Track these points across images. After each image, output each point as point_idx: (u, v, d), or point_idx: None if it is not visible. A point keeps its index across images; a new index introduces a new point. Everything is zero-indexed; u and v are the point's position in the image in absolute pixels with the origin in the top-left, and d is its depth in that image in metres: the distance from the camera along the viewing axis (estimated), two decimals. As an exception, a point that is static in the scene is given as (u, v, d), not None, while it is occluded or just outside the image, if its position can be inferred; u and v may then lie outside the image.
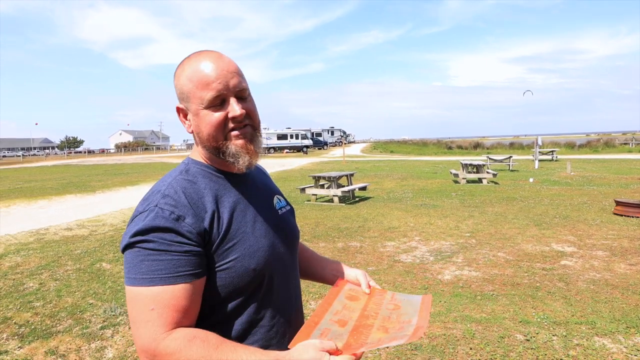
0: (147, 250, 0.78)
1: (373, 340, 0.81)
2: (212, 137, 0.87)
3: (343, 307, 0.94)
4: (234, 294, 0.86)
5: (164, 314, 0.76)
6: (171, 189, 0.84)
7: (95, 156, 50.11)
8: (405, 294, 1.02)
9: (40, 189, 13.33)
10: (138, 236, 0.79)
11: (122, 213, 8.47)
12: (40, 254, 5.37)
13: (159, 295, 0.76)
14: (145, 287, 0.77)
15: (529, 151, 26.94)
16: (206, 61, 0.86)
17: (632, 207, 6.69)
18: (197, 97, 0.86)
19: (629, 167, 15.67)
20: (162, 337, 0.75)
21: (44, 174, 20.90)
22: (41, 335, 3.10)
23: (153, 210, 0.80)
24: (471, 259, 4.71)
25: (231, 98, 0.87)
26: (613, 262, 4.44)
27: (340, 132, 58.32)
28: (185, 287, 0.78)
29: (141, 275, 0.77)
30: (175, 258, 0.78)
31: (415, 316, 0.89)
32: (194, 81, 0.86)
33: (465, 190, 10.56)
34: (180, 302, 0.78)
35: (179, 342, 0.75)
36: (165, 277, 0.77)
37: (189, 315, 0.79)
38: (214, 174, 0.92)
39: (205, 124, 0.87)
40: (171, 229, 0.78)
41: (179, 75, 0.89)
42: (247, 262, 0.85)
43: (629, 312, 3.22)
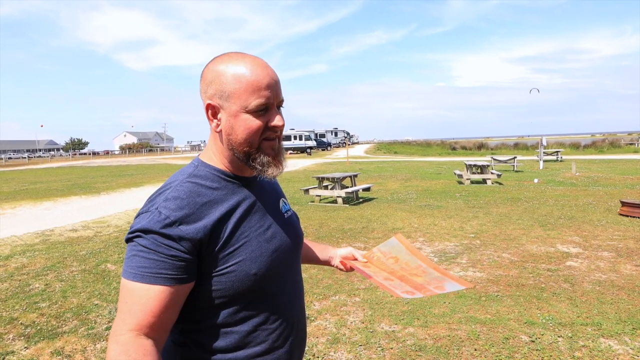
0: (140, 246, 0.81)
1: (421, 281, 0.99)
2: (247, 142, 0.87)
3: (374, 272, 1.07)
4: (234, 299, 0.86)
5: (132, 310, 0.79)
6: (175, 192, 0.85)
7: (100, 158, 50.40)
8: (384, 244, 1.18)
9: (45, 190, 13.42)
10: (134, 233, 0.82)
11: (126, 214, 8.51)
12: (45, 255, 5.41)
13: (134, 291, 0.79)
14: (127, 280, 0.80)
15: (534, 152, 26.82)
16: (256, 66, 0.85)
17: (638, 207, 6.64)
18: (242, 100, 0.84)
19: (634, 168, 15.56)
20: (119, 334, 0.78)
21: (49, 175, 21.04)
22: (47, 336, 3.12)
23: (153, 212, 0.82)
24: (475, 260, 4.69)
25: (274, 108, 0.88)
26: (619, 263, 4.41)
27: (344, 133, 58.33)
28: (161, 290, 0.79)
29: (129, 268, 0.81)
30: (160, 259, 0.79)
31: (417, 261, 1.07)
32: (242, 83, 0.84)
33: (470, 191, 10.52)
34: (151, 302, 0.79)
35: (117, 349, 0.77)
36: (145, 275, 0.79)
37: (158, 318, 0.80)
38: (223, 178, 0.91)
39: (243, 128, 0.86)
40: (162, 233, 0.80)
41: (221, 72, 0.86)
42: (248, 267, 0.85)
43: (635, 313, 3.20)
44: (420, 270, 1.02)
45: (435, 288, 0.94)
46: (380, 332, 3.03)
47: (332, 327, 3.14)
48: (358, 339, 2.94)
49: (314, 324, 3.21)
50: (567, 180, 12.24)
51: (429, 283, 0.96)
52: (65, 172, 23.80)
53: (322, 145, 46.74)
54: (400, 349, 2.79)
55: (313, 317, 3.33)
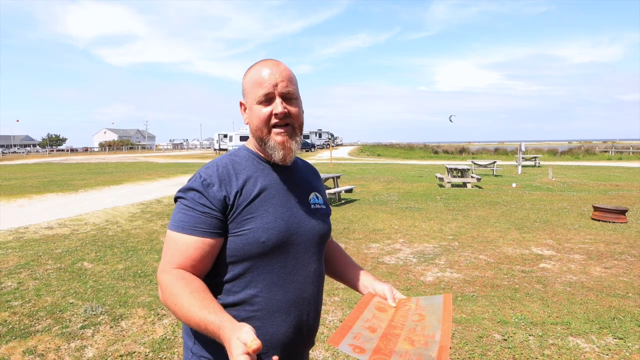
0: (182, 205, 1.00)
1: (401, 350, 0.86)
2: (259, 129, 1.05)
3: (373, 317, 1.01)
4: (244, 260, 0.99)
5: (175, 254, 0.97)
6: (214, 163, 1.05)
7: (79, 155, 49.13)
8: (429, 297, 1.08)
9: (20, 187, 13.02)
10: (180, 192, 1.01)
11: (105, 212, 8.34)
12: (19, 253, 5.26)
13: (177, 239, 0.98)
14: (171, 232, 0.99)
15: (513, 157, 27.46)
16: (265, 66, 1.05)
17: (609, 212, 6.90)
18: (252, 94, 1.05)
19: (607, 174, 16.12)
20: (167, 271, 0.96)
21: (25, 172, 20.41)
22: (19, 335, 3.04)
23: (195, 177, 1.02)
24: (453, 261, 4.79)
25: (277, 98, 1.03)
26: (589, 266, 4.57)
27: (327, 134, 58.45)
28: (197, 240, 0.97)
29: (173, 222, 0.99)
30: (197, 215, 0.97)
31: (438, 330, 0.93)
32: (252, 81, 1.05)
33: (450, 194, 10.71)
34: (190, 250, 0.96)
35: (171, 277, 0.94)
36: (186, 228, 0.97)
37: (195, 263, 0.97)
38: (257, 160, 1.09)
39: (255, 116, 1.05)
40: (199, 191, 0.98)
41: (245, 76, 1.09)
42: (258, 234, 0.99)
43: (602, 313, 3.33)
44: (424, 340, 0.89)
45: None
46: (358, 331, 3.07)
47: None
48: (336, 338, 2.97)
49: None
50: (543, 185, 12.59)
51: (404, 356, 0.83)
52: (41, 168, 23.13)
53: (305, 147, 46.73)
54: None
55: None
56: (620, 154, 32.34)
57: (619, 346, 2.80)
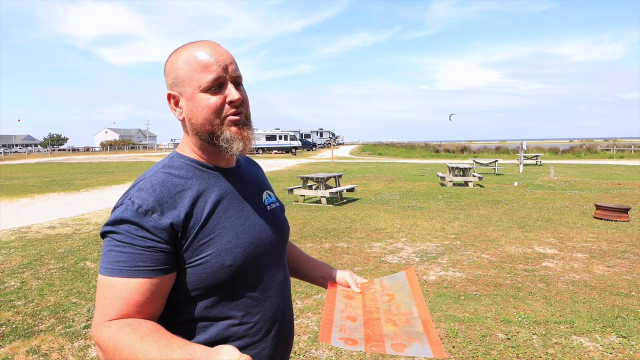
0: (114, 241, 0.79)
1: (389, 332, 0.84)
2: (208, 121, 0.86)
3: (346, 306, 0.96)
4: (210, 291, 0.84)
5: (114, 304, 0.77)
6: (147, 182, 0.84)
7: (80, 154, 49.21)
8: (391, 276, 1.05)
9: (22, 186, 13.05)
10: (109, 226, 0.81)
11: (107, 212, 8.36)
12: (22, 253, 5.27)
13: (114, 285, 0.78)
14: (105, 277, 0.79)
15: (514, 156, 27.43)
16: (205, 47, 0.86)
17: (611, 211, 6.88)
18: (194, 80, 0.85)
19: (609, 173, 16.08)
20: (104, 325, 0.76)
21: (26, 171, 20.45)
22: (22, 335, 3.05)
23: (125, 204, 0.81)
24: (456, 260, 4.79)
25: (229, 83, 0.86)
26: (592, 264, 4.56)
27: (329, 133, 58.45)
28: (141, 282, 0.78)
29: (105, 264, 0.79)
30: (137, 252, 0.78)
31: (412, 306, 0.92)
32: (192, 64, 0.85)
33: (452, 193, 10.70)
34: (134, 295, 0.78)
35: (111, 330, 0.75)
36: (124, 270, 0.78)
37: (143, 310, 0.79)
38: (199, 168, 0.90)
39: (202, 107, 0.85)
40: (135, 222, 0.78)
41: (174, 60, 0.88)
42: (222, 258, 0.84)
43: (605, 312, 3.33)
44: (405, 318, 0.89)
45: (393, 346, 0.79)
46: (362, 330, 3.07)
47: (314, 325, 3.16)
48: (339, 337, 2.98)
49: (295, 322, 3.23)
50: (545, 183, 12.57)
51: (393, 337, 0.82)
52: (43, 168, 23.17)
53: (307, 146, 46.74)
54: (381, 347, 2.83)
55: (295, 315, 3.35)
56: (622, 152, 32.27)
57: (623, 345, 2.80)
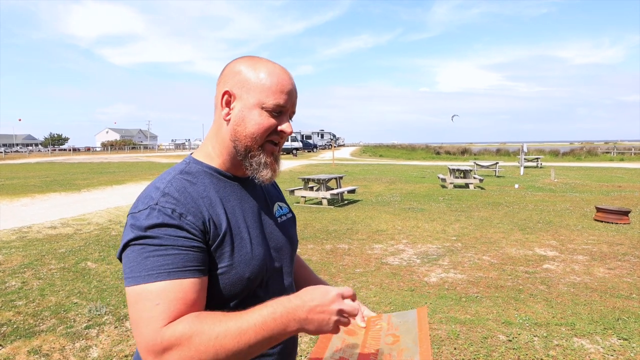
0: (153, 246, 0.74)
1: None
2: (254, 137, 0.85)
3: (342, 343, 0.90)
4: (225, 301, 0.83)
5: (171, 307, 0.71)
6: (171, 187, 0.82)
7: (81, 154, 49.24)
8: (401, 313, 0.98)
9: (23, 186, 13.06)
10: (141, 232, 0.75)
11: (108, 212, 8.36)
12: (23, 252, 5.28)
13: (166, 289, 0.72)
14: (151, 283, 0.72)
15: (515, 158, 27.42)
16: (284, 72, 0.88)
17: (612, 213, 6.88)
18: (263, 95, 0.84)
19: (610, 175, 16.08)
20: (166, 327, 0.69)
21: (27, 171, 20.47)
22: (24, 335, 3.05)
23: (155, 209, 0.77)
24: (457, 262, 4.79)
25: (287, 114, 0.88)
26: (593, 267, 4.56)
27: (330, 135, 58.47)
28: (194, 282, 0.75)
29: (146, 272, 0.72)
30: (183, 252, 0.75)
31: (416, 354, 0.84)
32: (268, 81, 0.85)
33: (453, 195, 10.70)
34: (189, 295, 0.73)
35: (186, 322, 0.70)
36: (173, 272, 0.73)
37: (196, 309, 0.75)
38: (216, 175, 0.89)
39: (255, 122, 0.85)
40: (176, 225, 0.76)
41: (253, 66, 0.87)
42: (241, 270, 0.82)
43: (606, 314, 3.32)
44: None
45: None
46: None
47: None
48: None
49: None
50: (546, 186, 12.57)
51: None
52: (44, 168, 23.18)
53: (308, 147, 46.74)
54: (382, 348, 2.83)
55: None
56: (622, 155, 32.27)
57: (624, 347, 2.80)
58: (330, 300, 0.73)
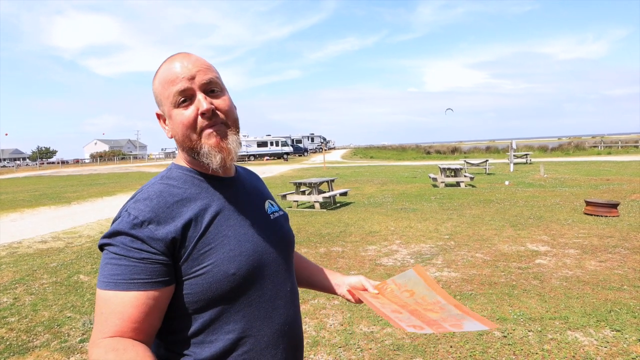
0: (111, 254, 0.78)
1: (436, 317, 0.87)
2: (186, 136, 0.85)
3: (381, 305, 0.96)
4: (213, 302, 0.82)
5: (109, 319, 0.75)
6: (145, 194, 0.83)
7: (70, 167, 48.65)
8: (400, 275, 1.05)
9: (11, 201, 12.87)
10: (105, 239, 0.80)
11: (99, 224, 8.27)
12: (13, 268, 5.20)
13: (110, 300, 0.76)
14: (102, 291, 0.77)
15: (505, 155, 27.71)
16: (173, 61, 0.86)
17: (601, 207, 6.99)
18: (166, 97, 0.85)
19: (598, 169, 16.33)
20: (96, 343, 0.74)
21: (15, 185, 20.17)
22: (17, 351, 3.01)
23: (122, 216, 0.80)
24: (450, 261, 4.82)
25: (198, 93, 0.84)
26: (584, 260, 4.63)
27: (320, 138, 58.56)
28: (137, 296, 0.76)
29: (102, 278, 0.77)
30: (132, 264, 0.76)
31: (436, 296, 0.95)
32: (162, 82, 0.86)
33: (444, 193, 10.78)
34: (129, 310, 0.75)
35: (99, 351, 0.72)
36: (119, 283, 0.76)
37: (137, 325, 0.76)
38: (197, 178, 0.89)
39: (177, 124, 0.85)
40: (130, 233, 0.77)
41: (154, 81, 0.89)
42: (225, 267, 0.81)
43: (599, 306, 3.37)
44: (438, 306, 0.91)
45: (451, 326, 0.83)
46: (359, 334, 3.08)
47: (312, 330, 3.16)
48: (337, 341, 2.98)
49: (293, 328, 3.23)
50: (536, 182, 12.72)
51: (444, 320, 0.86)
52: (32, 182, 22.87)
53: (298, 151, 46.75)
54: (379, 349, 2.84)
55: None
56: (610, 148, 32.80)
57: (617, 338, 2.84)
58: None
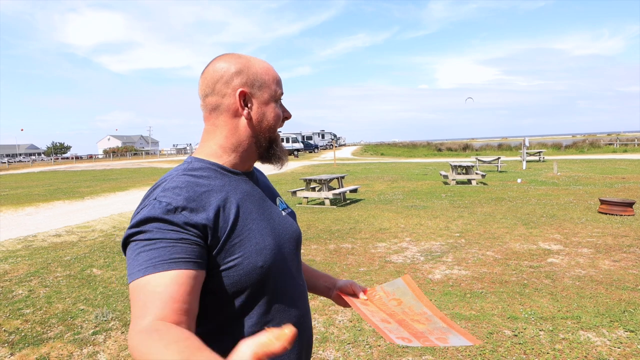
0: (143, 241, 0.74)
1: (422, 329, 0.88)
2: (274, 129, 0.95)
3: (371, 312, 0.96)
4: (242, 293, 0.83)
5: (148, 304, 0.69)
6: (173, 182, 0.82)
7: (83, 162, 49.44)
8: (389, 283, 1.06)
9: (27, 195, 13.13)
10: (133, 228, 0.76)
11: (111, 219, 8.40)
12: (28, 261, 5.31)
13: (148, 284, 0.70)
14: (137, 279, 0.71)
15: (517, 152, 27.35)
16: (271, 66, 0.97)
17: (616, 205, 6.86)
18: (272, 90, 0.93)
19: (613, 167, 16.01)
20: (136, 332, 0.66)
21: (31, 180, 20.58)
22: (32, 342, 3.08)
23: (151, 204, 0.78)
24: (461, 259, 4.78)
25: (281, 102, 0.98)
26: (597, 259, 4.55)
27: (330, 135, 58.47)
28: (179, 274, 0.72)
29: (136, 267, 0.73)
30: (170, 245, 0.73)
31: (422, 307, 0.97)
32: (270, 75, 0.94)
33: (455, 191, 10.69)
34: (171, 290, 0.70)
35: (142, 335, 0.65)
36: (157, 265, 0.71)
37: (181, 307, 0.70)
38: (219, 171, 0.90)
39: (274, 115, 0.94)
40: (165, 219, 0.75)
41: (250, 64, 0.92)
42: (254, 259, 0.83)
43: (612, 306, 3.32)
44: (424, 317, 0.93)
45: (437, 339, 0.84)
46: (368, 331, 3.08)
47: (321, 327, 3.17)
48: (346, 338, 2.99)
49: (302, 324, 3.24)
50: (549, 180, 12.53)
51: (430, 332, 0.87)
52: (47, 176, 23.30)
53: (309, 148, 46.75)
54: (388, 346, 2.83)
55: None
56: (626, 146, 32.13)
57: (631, 339, 2.79)
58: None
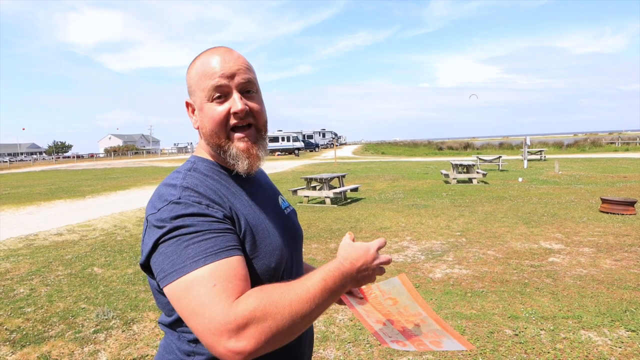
0: (189, 234, 0.72)
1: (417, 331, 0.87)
2: (215, 133, 0.85)
3: (366, 312, 0.95)
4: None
5: (230, 284, 0.69)
6: (188, 182, 0.81)
7: (84, 161, 49.51)
8: (385, 282, 1.05)
9: (28, 194, 13.15)
10: (171, 225, 0.73)
11: (113, 217, 8.41)
12: (30, 260, 5.32)
13: (218, 269, 0.70)
14: (200, 269, 0.69)
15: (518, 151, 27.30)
16: (214, 55, 0.85)
17: (617, 204, 6.84)
18: (200, 90, 0.85)
19: (615, 166, 15.98)
20: (235, 304, 0.67)
21: (32, 179, 20.61)
22: (33, 341, 3.08)
23: (179, 203, 0.76)
24: (461, 258, 4.78)
25: (235, 92, 0.84)
26: (599, 258, 4.54)
27: (331, 134, 58.43)
28: (239, 259, 0.74)
29: (191, 260, 0.70)
30: (221, 235, 0.74)
31: (417, 307, 0.94)
32: (199, 73, 0.85)
33: (456, 190, 10.67)
34: (241, 271, 0.72)
35: (255, 295, 0.68)
36: (218, 253, 0.71)
37: (249, 285, 0.73)
38: (222, 172, 0.89)
39: (208, 118, 0.85)
40: (206, 214, 0.75)
41: (189, 69, 0.88)
42: (268, 260, 0.83)
43: (613, 306, 3.31)
44: (419, 318, 0.91)
45: (431, 343, 0.84)
46: (369, 330, 3.07)
47: (321, 325, 3.17)
48: (347, 337, 2.99)
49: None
50: (550, 178, 12.50)
51: (425, 335, 0.86)
52: (48, 175, 23.33)
53: (309, 147, 46.73)
54: (388, 346, 2.83)
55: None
56: (627, 145, 32.06)
57: (632, 339, 2.79)
58: (372, 257, 0.82)
